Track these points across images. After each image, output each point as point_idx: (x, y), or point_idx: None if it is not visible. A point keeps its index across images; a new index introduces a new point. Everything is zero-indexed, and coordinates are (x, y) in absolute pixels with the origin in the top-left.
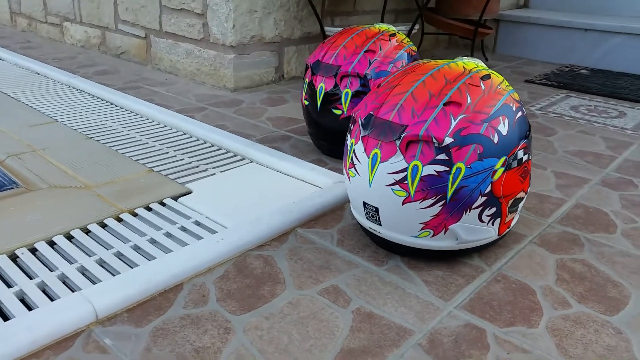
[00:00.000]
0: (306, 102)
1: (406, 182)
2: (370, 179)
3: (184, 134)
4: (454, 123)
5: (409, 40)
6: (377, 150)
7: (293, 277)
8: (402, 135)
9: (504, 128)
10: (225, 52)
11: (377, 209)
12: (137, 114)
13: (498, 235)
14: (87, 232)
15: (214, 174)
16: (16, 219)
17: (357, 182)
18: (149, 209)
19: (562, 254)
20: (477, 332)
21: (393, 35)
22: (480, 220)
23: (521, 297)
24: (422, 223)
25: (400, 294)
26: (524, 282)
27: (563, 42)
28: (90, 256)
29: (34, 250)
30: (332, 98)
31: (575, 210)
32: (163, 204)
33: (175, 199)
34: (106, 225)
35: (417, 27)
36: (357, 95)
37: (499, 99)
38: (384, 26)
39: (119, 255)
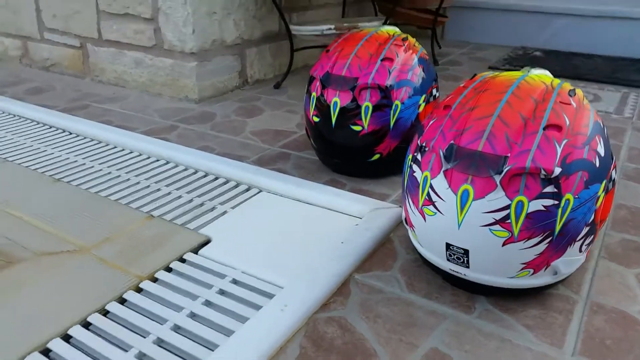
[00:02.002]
0: (316, 119)
1: (509, 221)
2: (460, 219)
3: (167, 162)
4: (559, 150)
5: (417, 43)
6: (467, 187)
7: (382, 344)
8: (504, 169)
9: (601, 149)
10: (185, 60)
11: (466, 251)
12: (100, 142)
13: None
14: (106, 313)
15: (225, 212)
16: (10, 310)
17: (438, 222)
18: (169, 270)
19: (637, 267)
20: None
21: (405, 39)
22: (580, 251)
23: (630, 330)
24: (523, 263)
25: (509, 348)
26: (621, 310)
27: (511, 25)
28: (125, 350)
29: (47, 352)
30: (349, 113)
31: (619, 212)
32: (183, 261)
33: (196, 251)
34: (126, 301)
35: (380, 21)
36: (379, 109)
37: (589, 116)
38: (391, 29)
39: (160, 344)
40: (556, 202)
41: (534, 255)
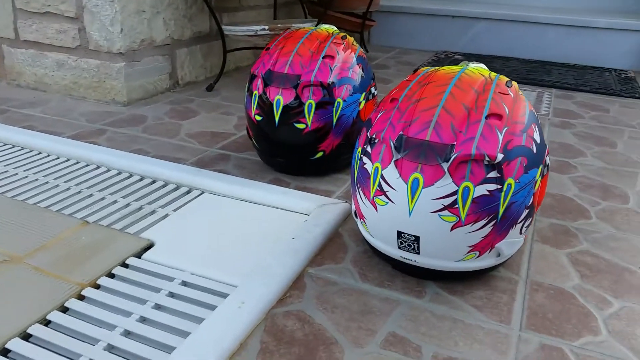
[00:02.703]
0: (259, 118)
1: (456, 206)
2: (411, 207)
3: (98, 167)
4: (500, 137)
5: (355, 42)
6: (417, 175)
7: (341, 332)
8: (452, 156)
9: (537, 136)
10: (112, 61)
11: (417, 238)
12: (24, 148)
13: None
14: (47, 323)
15: (166, 215)
16: None
17: (389, 211)
18: (112, 276)
19: (567, 248)
20: (557, 353)
21: (344, 37)
22: (520, 232)
23: (568, 304)
24: (469, 246)
25: (462, 327)
26: (558, 287)
27: (433, 30)
28: None
29: None
30: (293, 111)
31: (545, 200)
32: (126, 266)
33: (139, 255)
34: (68, 309)
35: (312, 23)
36: (322, 106)
37: (525, 105)
38: (329, 28)
39: (111, 350)
40: (499, 186)
41: (479, 238)
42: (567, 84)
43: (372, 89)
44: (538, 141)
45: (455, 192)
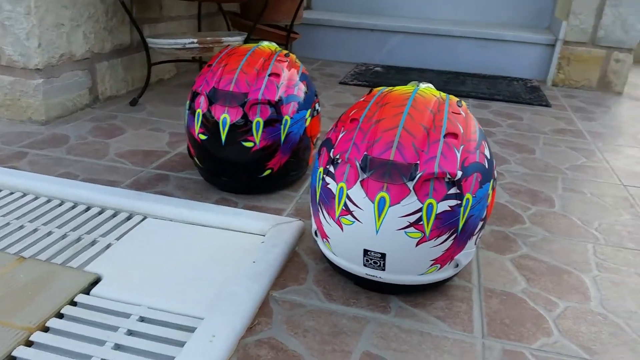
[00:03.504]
0: (203, 137)
1: (421, 222)
2: (378, 225)
3: (25, 195)
4: (458, 155)
5: (297, 59)
6: (383, 194)
7: (316, 356)
8: (417, 175)
9: (487, 152)
10: (29, 77)
11: (383, 255)
12: None
13: None
14: None
15: (109, 244)
16: None
17: (356, 230)
18: (61, 316)
19: (509, 253)
20: (519, 357)
21: (287, 55)
22: (475, 243)
23: (520, 309)
24: (432, 260)
25: (430, 340)
26: (509, 292)
27: (354, 42)
28: None
29: None
30: (240, 130)
31: None
32: (75, 304)
33: (87, 292)
34: (16, 359)
35: (242, 37)
36: (270, 124)
37: (474, 124)
38: (272, 45)
39: None
40: (459, 202)
41: (441, 252)
42: (481, 94)
43: (316, 105)
44: (488, 157)
45: (420, 209)
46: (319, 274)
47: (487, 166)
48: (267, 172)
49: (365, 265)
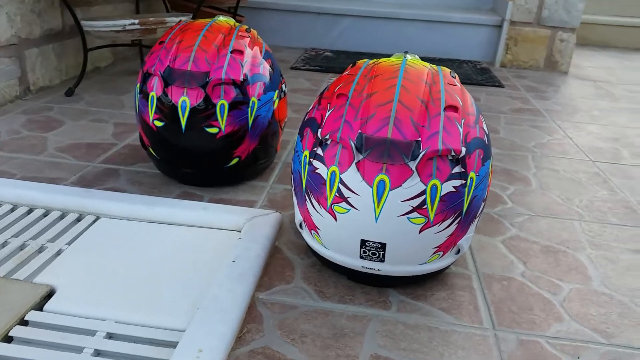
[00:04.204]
0: (159, 124)
1: (425, 206)
2: (377, 212)
3: None
4: (461, 130)
5: (258, 35)
6: (383, 177)
7: None
8: (420, 154)
9: (485, 126)
10: None
11: (383, 245)
12: None
13: None
14: None
15: (60, 250)
16: None
17: (352, 219)
18: (10, 340)
19: (499, 236)
20: (536, 347)
21: (248, 30)
22: (475, 227)
23: (525, 294)
24: (435, 247)
25: (439, 335)
26: (509, 277)
27: (301, 26)
28: None
29: None
30: (202, 114)
31: None
32: (26, 323)
33: (39, 307)
34: None
35: (187, 17)
36: (235, 107)
37: (470, 96)
38: (230, 20)
39: None
40: (463, 181)
41: (445, 237)
42: None
43: (283, 86)
44: (486, 132)
45: (423, 192)
46: (307, 269)
47: (486, 142)
48: (234, 160)
49: (362, 257)
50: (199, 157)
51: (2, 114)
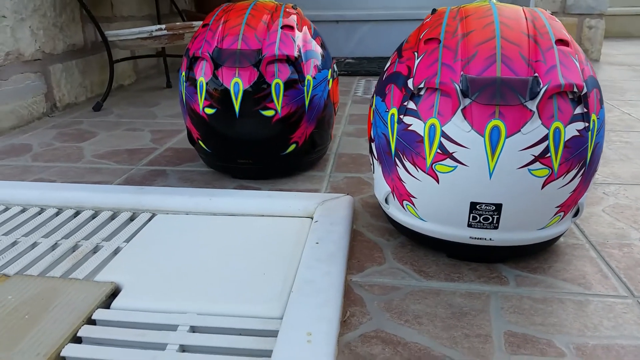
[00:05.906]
0: (210, 111)
1: (549, 155)
2: (492, 166)
3: None
4: (577, 65)
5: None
6: (497, 122)
7: (451, 346)
8: (541, 90)
9: (592, 68)
10: None
11: (498, 207)
12: None
13: None
14: None
15: (118, 248)
16: None
17: (460, 178)
18: (79, 340)
19: (598, 205)
20: None
21: (295, 7)
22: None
23: None
24: (557, 207)
25: (574, 306)
26: (626, 243)
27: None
28: None
29: None
30: (257, 95)
31: None
32: (94, 322)
33: (107, 305)
34: None
35: None
36: (291, 86)
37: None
38: (272, 0)
39: None
40: (586, 124)
41: (568, 194)
42: None
43: (335, 66)
44: (592, 73)
45: (546, 137)
46: (397, 250)
47: (599, 83)
48: (292, 147)
49: (470, 225)
50: (255, 145)
51: (32, 130)
